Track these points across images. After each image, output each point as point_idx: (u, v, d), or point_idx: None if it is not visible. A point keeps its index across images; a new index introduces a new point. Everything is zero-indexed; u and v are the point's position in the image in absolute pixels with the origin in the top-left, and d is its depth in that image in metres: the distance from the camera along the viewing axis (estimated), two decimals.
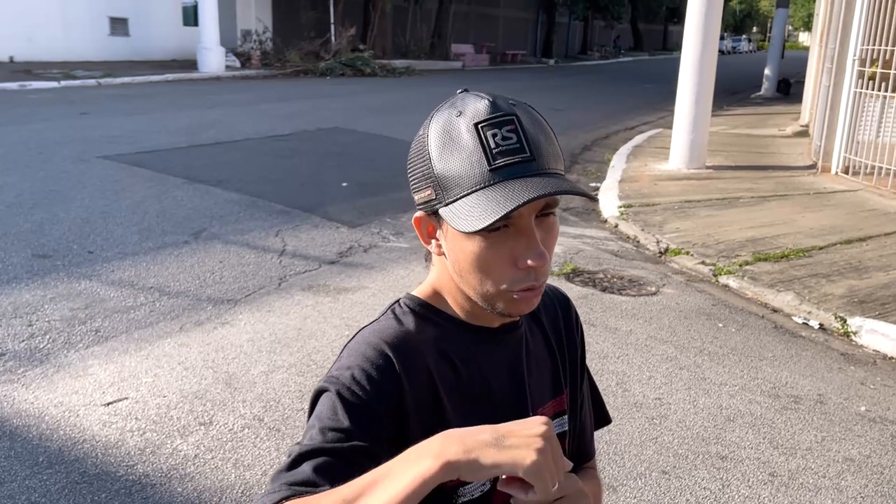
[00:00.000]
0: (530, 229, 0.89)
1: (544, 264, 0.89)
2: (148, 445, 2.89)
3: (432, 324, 0.98)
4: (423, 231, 0.97)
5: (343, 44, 22.52)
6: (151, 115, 11.38)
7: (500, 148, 0.86)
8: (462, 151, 0.87)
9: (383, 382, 0.91)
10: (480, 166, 0.86)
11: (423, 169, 0.91)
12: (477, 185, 0.86)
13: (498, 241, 0.88)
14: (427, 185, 0.91)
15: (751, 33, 79.98)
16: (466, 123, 0.88)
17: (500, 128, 0.87)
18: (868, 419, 3.36)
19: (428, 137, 0.91)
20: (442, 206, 0.89)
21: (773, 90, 20.78)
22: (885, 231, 6.34)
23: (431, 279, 1.02)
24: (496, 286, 0.91)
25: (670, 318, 4.51)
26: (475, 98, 0.90)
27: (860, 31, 8.20)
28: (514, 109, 0.89)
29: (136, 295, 4.42)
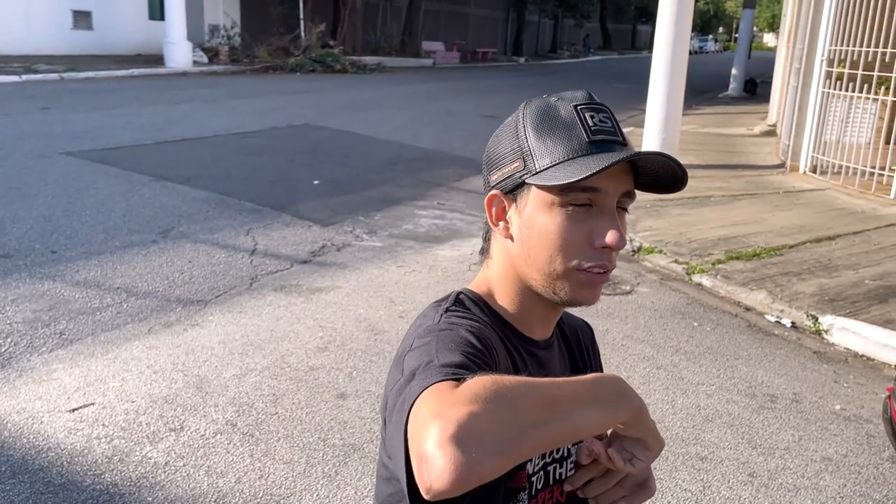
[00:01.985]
0: (612, 209, 0.91)
1: (622, 246, 0.91)
2: (116, 453, 2.79)
3: (490, 320, 0.98)
4: (494, 211, 0.97)
5: (313, 40, 22.30)
6: (116, 110, 11.13)
7: (599, 127, 0.91)
8: (561, 126, 0.91)
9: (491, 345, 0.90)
10: (580, 139, 0.90)
11: (512, 144, 0.94)
12: (576, 152, 0.89)
13: (579, 217, 0.90)
14: (516, 159, 0.93)
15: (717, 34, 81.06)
16: (566, 106, 0.92)
17: (597, 112, 0.92)
18: (843, 417, 3.38)
19: (524, 117, 0.94)
20: (531, 175, 0.91)
21: (741, 90, 21.07)
22: (853, 230, 6.43)
23: (487, 275, 1.01)
24: (566, 263, 0.91)
25: (646, 318, 4.51)
26: (572, 90, 0.96)
27: (828, 32, 8.32)
28: (606, 104, 0.95)
29: (102, 296, 4.29)
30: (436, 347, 0.83)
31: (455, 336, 0.85)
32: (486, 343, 0.86)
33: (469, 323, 0.90)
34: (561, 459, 1.00)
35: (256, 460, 2.80)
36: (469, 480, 0.66)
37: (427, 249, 5.62)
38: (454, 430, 0.65)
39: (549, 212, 0.91)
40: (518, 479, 0.93)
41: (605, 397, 0.78)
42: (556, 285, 0.93)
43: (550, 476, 0.99)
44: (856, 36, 7.92)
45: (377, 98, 15.24)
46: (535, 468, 0.96)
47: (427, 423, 0.68)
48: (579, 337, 1.17)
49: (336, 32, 25.00)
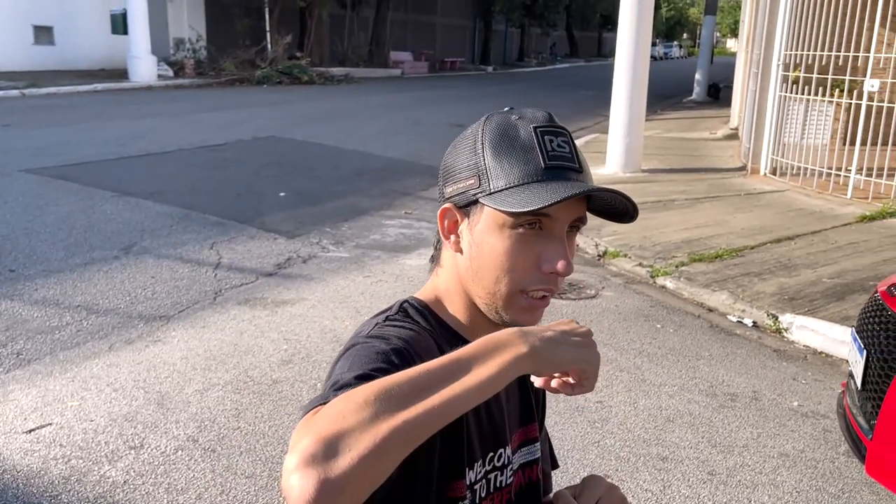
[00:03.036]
0: (562, 236, 0.92)
1: (568, 273, 0.92)
2: (73, 473, 2.75)
3: (433, 330, 0.98)
4: (446, 223, 0.98)
5: (279, 52, 22.23)
6: (78, 126, 10.98)
7: (556, 153, 0.91)
8: (519, 148, 0.91)
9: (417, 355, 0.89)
10: (536, 164, 0.90)
11: (469, 160, 0.93)
12: (531, 178, 0.89)
13: (528, 240, 0.91)
14: (471, 175, 0.92)
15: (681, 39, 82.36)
16: (525, 126, 0.92)
17: (556, 136, 0.92)
18: (801, 414, 3.44)
19: (483, 133, 0.94)
20: (485, 195, 0.91)
21: (704, 94, 21.40)
22: (812, 230, 6.55)
23: (436, 283, 1.02)
24: (512, 286, 0.92)
25: (610, 321, 4.56)
26: (533, 109, 0.96)
27: (783, 37, 8.50)
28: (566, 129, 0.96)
29: (61, 314, 4.23)
30: (350, 364, 0.83)
31: (376, 350, 0.85)
32: (408, 356, 0.86)
33: (400, 332, 0.90)
34: (502, 467, 1.01)
35: (218, 475, 2.77)
36: (329, 498, 0.63)
37: (394, 259, 5.62)
38: (298, 461, 0.63)
39: (499, 233, 0.91)
40: (456, 489, 0.94)
41: (485, 352, 0.75)
42: (498, 305, 0.94)
43: (492, 483, 1.00)
44: (810, 40, 8.10)
45: (345, 109, 15.23)
46: (477, 476, 0.97)
47: (285, 461, 0.67)
48: None
49: (303, 44, 24.95)
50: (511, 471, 1.03)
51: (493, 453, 1.00)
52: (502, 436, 1.01)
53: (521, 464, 1.07)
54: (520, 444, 1.07)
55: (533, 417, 1.12)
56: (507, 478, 1.02)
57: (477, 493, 0.97)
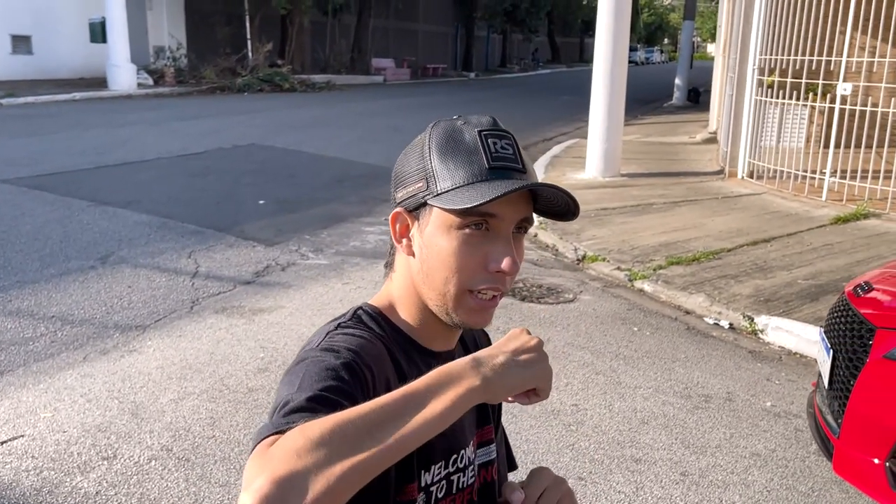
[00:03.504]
0: (508, 235, 0.94)
1: (515, 272, 0.94)
2: (45, 485, 2.73)
3: (387, 336, 0.99)
4: (397, 228, 1.00)
5: (260, 59, 22.17)
6: (56, 135, 10.90)
7: (499, 154, 0.94)
8: (464, 150, 0.94)
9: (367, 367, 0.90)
10: (480, 164, 0.92)
11: (418, 164, 0.96)
12: (475, 178, 0.91)
13: (475, 241, 0.92)
14: (420, 179, 0.95)
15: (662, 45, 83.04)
16: (471, 130, 0.95)
17: (499, 139, 0.95)
18: (773, 414, 3.48)
19: (430, 139, 0.97)
20: (433, 196, 0.93)
21: (684, 99, 21.60)
22: (788, 232, 6.63)
23: (389, 288, 1.03)
24: (461, 286, 0.94)
25: (587, 325, 4.59)
26: (479, 115, 0.99)
27: (758, 42, 8.60)
28: (510, 132, 0.99)
29: (35, 325, 4.20)
30: (300, 381, 0.83)
31: (325, 365, 0.85)
32: (359, 368, 0.87)
33: (350, 342, 0.91)
34: (464, 468, 1.03)
35: (192, 484, 2.76)
36: None
37: (373, 265, 5.63)
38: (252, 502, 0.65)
39: (447, 234, 0.93)
40: (407, 492, 0.95)
41: (438, 386, 0.77)
42: (448, 307, 0.96)
43: (454, 485, 1.01)
44: (784, 45, 8.21)
45: (325, 116, 15.22)
46: (434, 478, 0.98)
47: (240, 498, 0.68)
48: (477, 345, 1.19)
49: (284, 51, 24.92)
50: (473, 471, 1.04)
51: (456, 455, 1.01)
52: (462, 438, 1.03)
53: (478, 465, 1.08)
54: (478, 446, 1.08)
55: (489, 420, 1.13)
56: (469, 478, 1.04)
57: (433, 495, 0.99)
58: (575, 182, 9.15)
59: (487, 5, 39.43)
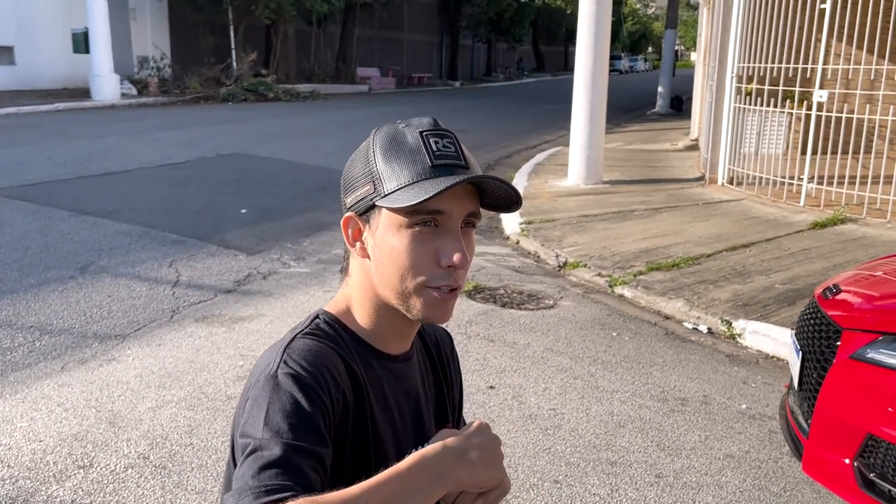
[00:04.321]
0: (457, 230, 0.96)
1: (465, 265, 0.96)
2: (20, 494, 2.72)
3: (343, 342, 1.01)
4: (350, 232, 1.02)
5: (245, 69, 22.16)
6: (37, 145, 10.85)
7: (442, 152, 0.96)
8: (407, 151, 0.96)
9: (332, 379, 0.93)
10: (423, 163, 0.95)
11: (364, 169, 0.98)
12: (420, 176, 0.94)
13: (425, 238, 0.95)
14: (367, 182, 0.97)
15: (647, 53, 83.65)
16: (413, 131, 0.97)
17: (441, 138, 0.97)
18: (748, 416, 3.52)
19: (374, 143, 0.99)
20: (380, 197, 0.95)
21: (667, 107, 21.78)
22: (766, 237, 6.70)
23: (346, 292, 1.05)
24: (416, 281, 0.96)
25: (567, 330, 4.62)
26: (420, 117, 1.01)
27: (736, 50, 8.71)
28: (451, 131, 1.01)
29: (13, 335, 4.18)
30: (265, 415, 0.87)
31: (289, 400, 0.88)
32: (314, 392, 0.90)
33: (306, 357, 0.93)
34: None
35: (168, 492, 2.76)
36: None
37: None
38: None
39: (398, 233, 0.95)
40: None
41: (421, 485, 0.82)
42: (408, 303, 0.98)
43: None
44: (762, 53, 8.32)
45: (310, 125, 15.23)
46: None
47: None
48: (440, 347, 1.21)
49: (269, 61, 24.92)
50: None
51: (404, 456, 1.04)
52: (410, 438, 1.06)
53: None
54: None
55: (447, 419, 1.16)
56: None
57: None
58: (558, 189, 9.21)
59: (472, 14, 39.62)
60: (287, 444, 0.83)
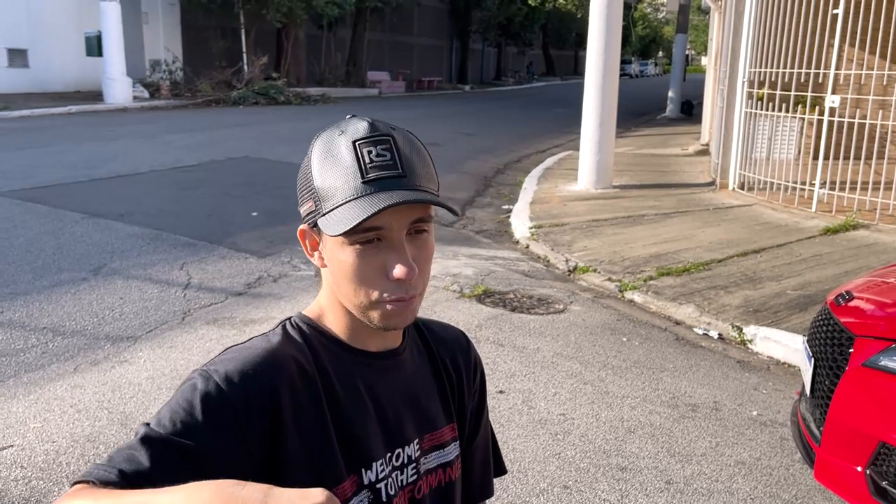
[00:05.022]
0: (400, 243, 0.94)
1: (412, 277, 0.93)
2: (33, 494, 2.74)
3: (317, 342, 1.01)
4: (307, 244, 1.02)
5: (256, 72, 22.27)
6: (50, 148, 10.93)
7: (374, 163, 0.92)
8: (339, 166, 0.93)
9: (257, 395, 0.92)
10: (355, 179, 0.91)
11: (307, 182, 0.96)
12: (351, 195, 0.91)
13: (370, 254, 0.93)
14: (309, 198, 0.96)
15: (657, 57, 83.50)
16: (346, 141, 0.94)
17: (375, 146, 0.93)
18: (759, 423, 3.50)
19: (312, 153, 0.97)
20: (320, 216, 0.94)
21: (677, 111, 21.74)
22: (777, 243, 6.68)
23: (320, 296, 1.05)
24: (368, 297, 0.95)
25: (576, 335, 4.61)
26: (357, 120, 0.97)
27: (748, 55, 8.69)
28: (391, 132, 0.95)
29: (26, 336, 4.21)
30: (167, 404, 0.90)
31: (188, 397, 0.89)
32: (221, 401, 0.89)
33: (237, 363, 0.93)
34: (402, 466, 1.04)
35: None
36: None
37: None
38: None
39: (342, 250, 0.94)
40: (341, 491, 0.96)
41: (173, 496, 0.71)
42: (366, 315, 0.97)
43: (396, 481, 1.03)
44: (773, 58, 8.29)
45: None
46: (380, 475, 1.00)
47: None
48: (446, 347, 1.18)
49: (279, 64, 25.03)
50: (414, 469, 1.06)
51: (391, 453, 1.03)
52: (401, 436, 1.04)
53: (437, 465, 1.10)
54: (433, 447, 1.10)
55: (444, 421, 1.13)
56: (410, 476, 1.05)
57: (383, 492, 1.00)
58: (567, 194, 9.20)
59: (482, 19, 39.69)
60: (149, 437, 0.85)
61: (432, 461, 1.10)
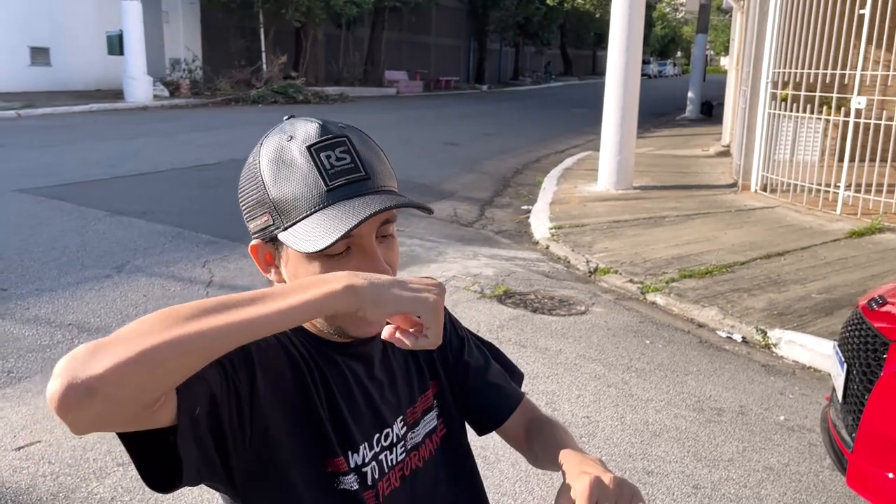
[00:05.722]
0: (373, 249, 0.89)
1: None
2: (61, 490, 2.76)
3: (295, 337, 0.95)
4: (261, 260, 0.96)
5: (274, 71, 22.38)
6: (71, 146, 11.04)
7: (336, 169, 0.87)
8: (297, 175, 0.87)
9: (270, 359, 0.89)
10: (318, 188, 0.86)
11: (256, 196, 0.90)
12: (316, 206, 0.86)
13: (340, 264, 0.88)
14: (263, 212, 0.90)
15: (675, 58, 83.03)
16: (299, 147, 0.88)
17: (333, 149, 0.88)
18: (787, 428, 3.46)
19: (260, 164, 0.91)
20: (281, 230, 0.88)
21: (697, 112, 21.59)
22: (801, 245, 6.60)
23: None
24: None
25: (599, 337, 4.58)
26: (304, 122, 0.92)
27: (772, 56, 8.60)
28: (344, 132, 0.91)
29: (52, 333, 4.24)
30: None
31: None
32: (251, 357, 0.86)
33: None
34: (391, 446, 1.02)
35: (205, 490, 2.78)
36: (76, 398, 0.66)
37: None
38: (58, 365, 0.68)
39: (310, 264, 0.88)
40: (335, 464, 0.94)
41: (301, 287, 0.75)
42: (336, 328, 0.93)
43: (384, 464, 1.01)
44: (798, 58, 8.21)
45: None
46: (365, 459, 0.98)
47: None
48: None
49: (298, 64, 25.13)
50: (402, 447, 1.03)
51: (379, 434, 1.01)
52: (382, 418, 1.01)
53: (425, 433, 1.08)
54: (416, 420, 1.07)
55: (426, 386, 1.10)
56: (399, 455, 1.02)
57: (368, 476, 0.98)
58: (587, 194, 9.16)
59: (500, 18, 39.63)
60: None
61: (419, 434, 1.07)
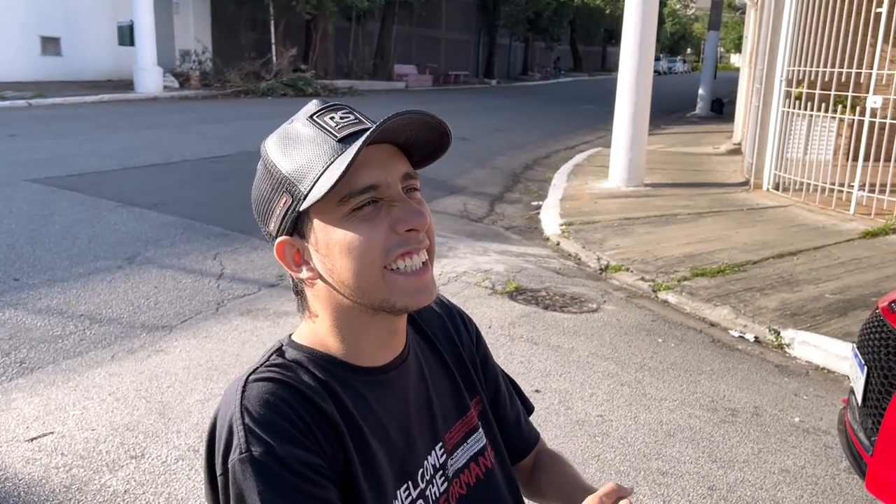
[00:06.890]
0: (400, 194, 0.87)
1: (424, 223, 0.87)
2: (74, 482, 2.76)
3: (320, 369, 0.91)
4: (290, 260, 0.92)
5: (284, 64, 22.37)
6: (83, 136, 11.05)
7: (342, 124, 0.88)
8: (306, 141, 0.88)
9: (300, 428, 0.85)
10: (328, 143, 0.86)
11: (272, 184, 0.89)
12: (331, 157, 0.85)
13: (372, 216, 0.86)
14: (280, 195, 0.89)
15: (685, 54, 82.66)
16: (301, 121, 0.90)
17: (335, 112, 0.90)
18: (802, 430, 3.44)
19: (268, 153, 0.91)
20: (302, 200, 0.86)
21: (708, 109, 21.49)
22: (815, 245, 6.55)
23: (312, 326, 0.96)
24: (378, 266, 0.86)
25: (611, 335, 4.56)
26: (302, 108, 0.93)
27: (786, 53, 8.53)
28: (344, 103, 0.92)
29: (64, 323, 4.25)
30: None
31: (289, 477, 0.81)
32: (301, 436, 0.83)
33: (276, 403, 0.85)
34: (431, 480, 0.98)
35: None
36: None
37: None
38: None
39: (338, 227, 0.86)
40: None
41: None
42: (382, 297, 0.88)
43: (429, 500, 0.97)
44: (813, 56, 8.14)
45: None
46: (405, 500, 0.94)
47: None
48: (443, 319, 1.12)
49: (308, 56, 25.10)
50: (442, 476, 0.99)
51: (417, 475, 0.97)
52: (417, 458, 0.97)
53: (470, 457, 1.04)
54: (456, 444, 1.03)
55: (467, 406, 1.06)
56: (441, 486, 0.99)
57: None
58: (598, 191, 9.12)
59: (510, 13, 39.51)
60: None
61: (460, 458, 1.03)
